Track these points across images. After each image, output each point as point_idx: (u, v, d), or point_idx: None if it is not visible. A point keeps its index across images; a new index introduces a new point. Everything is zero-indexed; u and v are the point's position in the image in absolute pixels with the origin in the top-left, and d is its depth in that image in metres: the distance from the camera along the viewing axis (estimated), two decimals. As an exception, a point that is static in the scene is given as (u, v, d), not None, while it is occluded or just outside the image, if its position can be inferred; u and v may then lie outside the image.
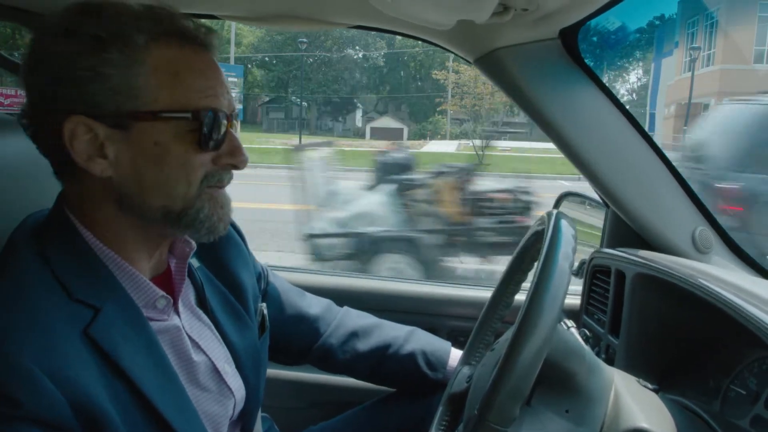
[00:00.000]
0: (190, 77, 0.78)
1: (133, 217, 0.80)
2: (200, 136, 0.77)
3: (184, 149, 0.77)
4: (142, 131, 0.76)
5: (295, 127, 45.83)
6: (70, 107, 0.74)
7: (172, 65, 0.77)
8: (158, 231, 0.84)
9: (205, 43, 0.81)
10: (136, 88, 0.75)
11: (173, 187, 0.78)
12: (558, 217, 0.83)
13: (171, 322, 0.86)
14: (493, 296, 1.07)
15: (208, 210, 0.82)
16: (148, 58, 0.75)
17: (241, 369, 0.97)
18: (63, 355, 0.69)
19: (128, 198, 0.79)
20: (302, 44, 39.63)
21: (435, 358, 1.24)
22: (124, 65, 0.74)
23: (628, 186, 1.25)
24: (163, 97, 0.76)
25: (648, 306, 1.17)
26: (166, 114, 0.76)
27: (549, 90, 1.21)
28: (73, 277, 0.76)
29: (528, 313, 0.70)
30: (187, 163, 0.78)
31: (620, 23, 31.98)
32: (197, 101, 0.77)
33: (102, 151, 0.76)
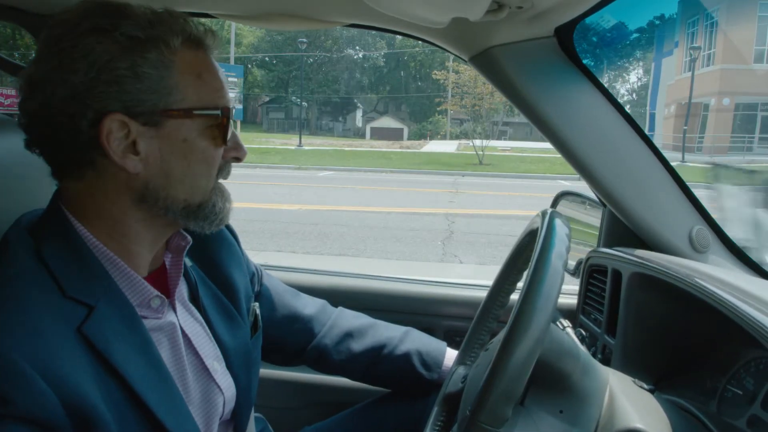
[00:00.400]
0: (210, 78, 0.83)
1: (149, 211, 0.83)
2: (224, 131, 0.84)
3: (207, 144, 0.83)
4: (172, 128, 0.80)
5: (295, 127, 45.90)
6: (108, 105, 0.76)
7: (195, 67, 0.82)
8: (169, 224, 0.87)
9: (211, 48, 0.86)
10: (169, 87, 0.78)
11: (197, 180, 0.83)
12: (552, 215, 0.82)
13: (166, 319, 0.86)
14: (488, 296, 1.07)
15: (220, 202, 0.88)
16: (177, 59, 0.79)
17: (232, 368, 0.97)
18: (56, 353, 0.69)
19: (153, 193, 0.81)
20: (302, 44, 39.64)
21: (430, 358, 1.24)
22: (160, 66, 0.78)
23: (625, 185, 1.24)
24: (191, 96, 0.80)
25: (644, 306, 1.16)
26: (198, 111, 0.81)
27: (545, 88, 1.20)
28: (68, 274, 0.76)
29: (520, 313, 0.69)
30: (209, 158, 0.84)
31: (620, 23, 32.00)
32: (219, 99, 0.84)
33: (134, 148, 0.78)
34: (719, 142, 29.14)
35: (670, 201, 1.26)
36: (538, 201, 11.91)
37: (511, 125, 53.14)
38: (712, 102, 30.29)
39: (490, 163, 21.65)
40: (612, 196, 1.26)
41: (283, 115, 55.45)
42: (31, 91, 0.77)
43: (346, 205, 10.69)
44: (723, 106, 29.88)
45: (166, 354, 0.84)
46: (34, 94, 0.77)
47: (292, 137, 36.52)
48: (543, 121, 1.22)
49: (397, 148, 32.01)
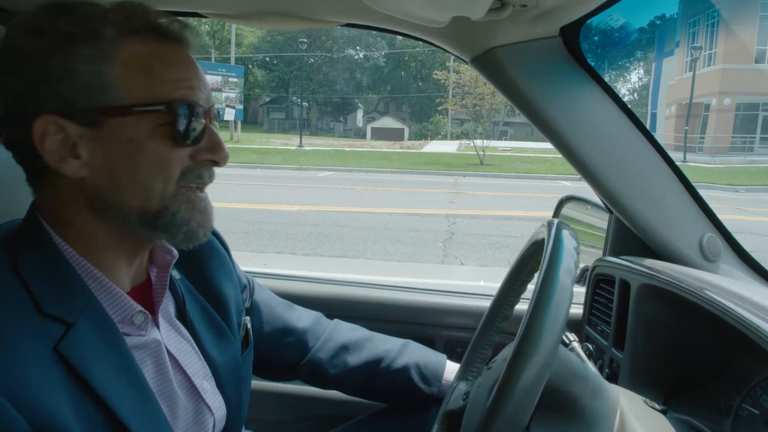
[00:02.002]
0: (164, 70, 0.75)
1: (108, 220, 0.77)
2: (174, 129, 0.75)
3: (159, 144, 0.75)
4: (114, 128, 0.73)
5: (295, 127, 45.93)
6: (40, 106, 0.71)
7: (145, 60, 0.74)
8: (135, 235, 0.80)
9: (180, 38, 0.78)
10: (106, 84, 0.72)
11: (149, 184, 0.75)
12: (559, 227, 0.77)
13: (149, 337, 0.81)
14: (490, 308, 1.02)
15: (184, 213, 0.78)
16: (118, 53, 0.73)
17: (222, 386, 0.92)
18: (28, 374, 0.64)
19: (102, 199, 0.75)
20: (303, 44, 39.61)
21: (429, 372, 1.19)
22: (93, 61, 0.72)
23: (633, 191, 1.19)
24: (135, 92, 0.73)
25: (654, 319, 1.11)
26: (138, 108, 0.73)
27: (549, 90, 1.15)
28: (45, 289, 0.71)
29: (526, 334, 0.64)
30: (162, 159, 0.75)
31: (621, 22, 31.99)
32: (171, 93, 0.75)
33: (74, 151, 0.73)
34: (720, 142, 29.10)
35: (680, 208, 1.21)
36: (539, 201, 11.89)
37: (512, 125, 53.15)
38: (713, 102, 30.26)
39: (491, 164, 21.61)
40: (619, 202, 1.21)
41: (284, 116, 55.50)
42: None
43: (346, 206, 10.65)
44: (724, 106, 29.85)
45: (149, 373, 0.79)
46: None
47: (293, 137, 36.53)
48: (547, 125, 1.17)
49: (398, 149, 32.00)
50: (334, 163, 20.95)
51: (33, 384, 0.64)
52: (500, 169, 20.29)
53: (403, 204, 11.27)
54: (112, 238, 0.78)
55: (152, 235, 0.79)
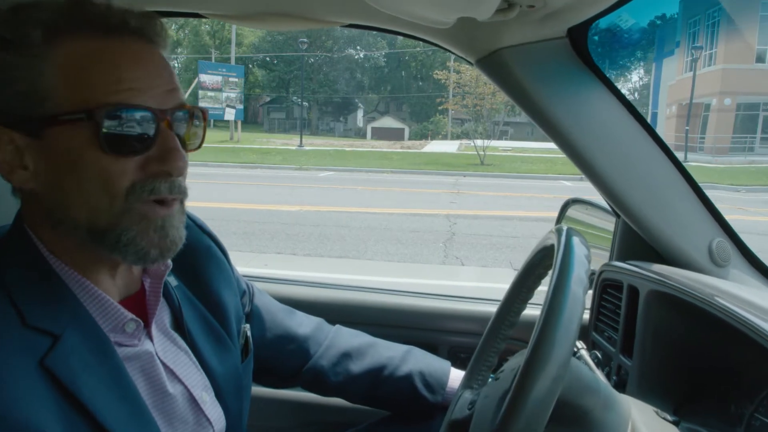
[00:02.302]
0: (99, 71, 0.68)
1: (66, 234, 0.73)
2: (99, 138, 0.67)
3: (98, 156, 0.68)
4: (54, 138, 0.68)
5: (296, 127, 45.92)
6: None
7: (81, 60, 0.68)
8: (94, 251, 0.74)
9: (133, 31, 0.71)
10: (41, 91, 0.67)
11: (94, 200, 0.69)
12: (569, 233, 0.75)
13: (142, 348, 0.78)
14: (496, 315, 1.00)
15: (134, 232, 0.71)
16: (52, 55, 0.68)
17: (221, 397, 0.89)
18: (13, 391, 0.62)
19: (53, 212, 0.72)
20: (303, 44, 39.61)
21: (433, 379, 1.16)
22: (26, 66, 0.67)
23: (641, 195, 1.17)
24: (70, 99, 0.67)
25: (664, 325, 1.09)
26: (67, 117, 0.67)
27: (556, 92, 1.13)
28: (30, 301, 0.69)
29: (538, 346, 0.62)
30: (103, 173, 0.68)
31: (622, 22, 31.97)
32: (105, 98, 0.67)
33: (23, 162, 0.70)
34: (720, 142, 29.07)
35: (689, 211, 1.19)
36: (540, 201, 11.87)
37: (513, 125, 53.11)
38: (713, 102, 30.23)
39: (491, 164, 21.59)
40: (627, 206, 1.19)
41: (284, 116, 55.49)
42: None
43: (346, 206, 10.63)
44: (724, 106, 29.83)
45: (143, 386, 0.77)
46: None
47: (293, 137, 36.51)
48: (554, 127, 1.15)
49: (398, 149, 31.98)
50: (335, 163, 20.92)
51: (18, 400, 0.61)
52: (501, 169, 20.27)
53: (404, 204, 11.25)
54: (83, 252, 0.74)
55: (104, 253, 0.72)
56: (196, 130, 0.79)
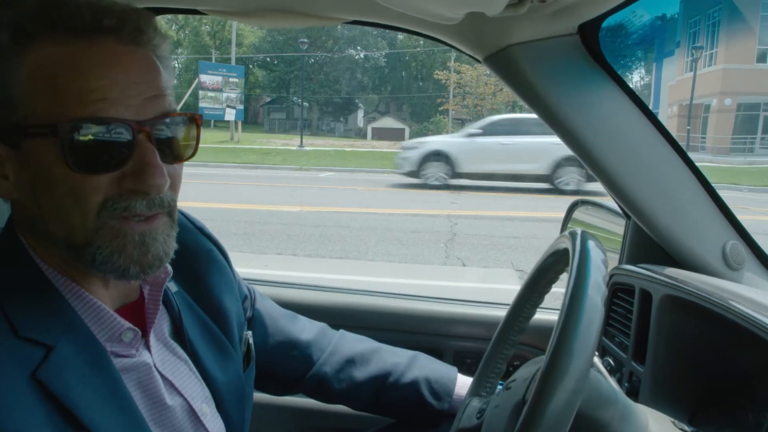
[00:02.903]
0: (69, 79, 0.62)
1: (48, 245, 0.70)
2: (64, 154, 0.62)
3: (67, 172, 0.63)
4: (29, 150, 0.64)
5: (296, 127, 45.89)
6: None
7: (49, 67, 0.63)
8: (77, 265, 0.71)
9: (108, 30, 0.65)
10: (13, 99, 0.63)
11: (67, 216, 0.65)
12: (584, 237, 0.72)
13: (140, 359, 0.75)
14: (505, 320, 0.96)
15: (109, 249, 0.66)
16: (23, 60, 0.63)
17: (223, 407, 0.86)
18: (5, 407, 0.59)
19: (34, 224, 0.69)
20: (303, 44, 39.59)
21: (440, 386, 1.13)
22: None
23: (653, 196, 1.14)
24: (40, 109, 0.63)
25: (678, 331, 1.06)
26: (34, 130, 0.63)
27: (566, 90, 1.10)
28: (21, 310, 0.65)
29: (555, 357, 0.59)
30: (74, 189, 0.64)
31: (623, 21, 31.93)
32: (74, 110, 0.62)
33: (3, 171, 0.67)
34: (720, 143, 29.05)
35: (702, 214, 1.16)
36: (541, 201, 11.83)
37: (513, 125, 52.93)
38: (713, 103, 30.20)
39: (492, 164, 21.50)
40: (638, 207, 1.15)
41: (285, 116, 55.47)
42: None
43: (347, 207, 10.59)
44: (724, 107, 29.80)
45: (140, 398, 0.73)
46: None
47: (294, 138, 36.46)
48: (564, 126, 1.12)
49: (399, 149, 31.90)
50: (335, 164, 20.88)
51: (9, 415, 0.58)
52: (501, 169, 20.20)
53: (405, 205, 11.21)
54: (74, 261, 0.70)
55: (87, 268, 0.69)
56: (187, 138, 0.73)
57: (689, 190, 1.15)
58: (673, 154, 1.15)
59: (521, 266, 6.45)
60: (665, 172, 1.14)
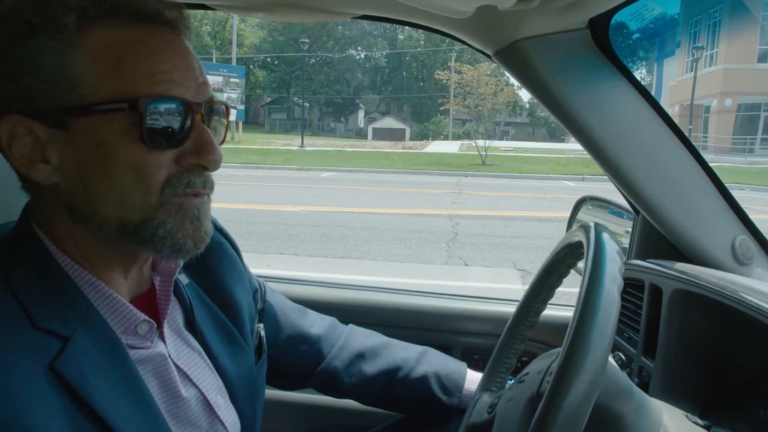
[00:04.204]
0: (136, 61, 0.65)
1: (89, 231, 0.69)
2: (141, 129, 0.65)
3: (132, 149, 0.65)
4: (83, 129, 0.65)
5: (297, 127, 45.94)
6: (5, 106, 0.64)
7: (115, 49, 0.65)
8: (120, 248, 0.71)
9: (160, 19, 0.69)
10: (71, 79, 0.64)
11: (127, 195, 0.67)
12: (598, 229, 0.71)
13: (155, 350, 0.75)
14: (515, 315, 0.96)
15: (172, 225, 0.69)
16: (85, 42, 0.64)
17: (236, 400, 0.86)
18: (21, 398, 0.58)
19: (79, 209, 0.68)
20: (304, 45, 39.57)
21: (450, 381, 1.13)
22: (56, 53, 0.63)
23: (663, 191, 1.13)
24: (105, 88, 0.64)
25: (688, 325, 1.06)
26: (101, 107, 0.64)
27: (576, 85, 1.09)
28: (38, 301, 0.65)
29: (573, 350, 0.58)
30: (139, 166, 0.66)
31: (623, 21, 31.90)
32: (144, 88, 0.65)
33: (44, 155, 0.66)
34: (720, 143, 29.03)
35: (712, 209, 1.15)
36: (542, 201, 11.84)
37: (514, 125, 53.15)
38: (713, 104, 30.19)
39: (493, 164, 21.56)
40: (648, 202, 1.15)
41: (285, 116, 55.54)
42: None
43: (348, 207, 10.60)
44: (724, 108, 29.78)
45: (156, 390, 0.73)
46: None
47: (294, 138, 36.51)
48: (573, 121, 1.11)
49: (400, 149, 31.99)
50: (336, 164, 20.90)
51: (26, 406, 0.58)
52: (502, 169, 20.23)
53: (406, 204, 11.22)
54: (100, 249, 0.71)
55: (135, 248, 0.71)
56: (220, 125, 0.77)
57: (698, 186, 1.15)
58: (682, 149, 1.14)
59: (523, 266, 6.46)
60: (675, 168, 1.14)
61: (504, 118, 34.30)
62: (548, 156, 25.75)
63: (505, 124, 44.86)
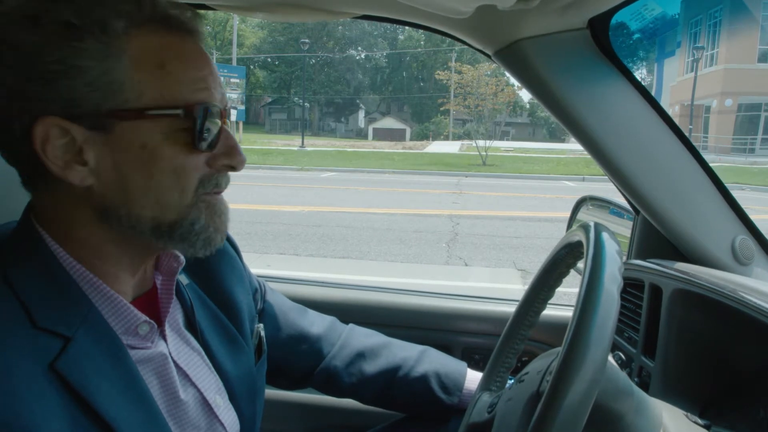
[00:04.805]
0: (179, 68, 0.68)
1: (116, 231, 0.70)
2: (194, 135, 0.68)
3: (175, 151, 0.68)
4: (125, 132, 0.66)
5: (297, 128, 45.95)
6: (41, 107, 0.64)
7: (157, 55, 0.67)
8: (145, 245, 0.73)
9: (191, 30, 0.71)
10: (116, 83, 0.65)
11: (165, 195, 0.69)
12: (598, 229, 0.72)
13: (156, 350, 0.75)
14: (515, 315, 0.96)
15: (204, 220, 0.73)
16: (128, 47, 0.65)
17: (235, 400, 0.86)
18: (22, 398, 0.58)
19: (112, 209, 0.68)
20: (304, 45, 39.51)
21: (449, 380, 1.13)
22: (101, 56, 0.64)
23: (663, 191, 1.13)
24: (149, 92, 0.66)
25: (688, 325, 1.06)
26: (154, 111, 0.66)
27: (576, 85, 1.09)
28: (39, 301, 0.65)
29: (572, 349, 0.58)
30: (179, 168, 0.69)
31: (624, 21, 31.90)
32: (188, 95, 0.68)
33: (80, 157, 0.66)
34: (721, 143, 29.02)
35: (712, 209, 1.16)
36: (542, 202, 11.84)
37: (514, 125, 53.15)
38: (713, 104, 30.17)
39: (493, 164, 21.56)
40: (648, 202, 1.15)
41: (286, 116, 55.55)
42: None
43: (349, 207, 10.60)
44: (725, 108, 29.77)
45: (156, 390, 0.73)
46: None
47: (295, 138, 36.52)
48: (574, 121, 1.12)
49: (400, 149, 32.00)
50: (337, 164, 20.90)
51: (27, 407, 0.58)
52: (503, 169, 20.24)
53: (406, 205, 11.22)
54: (118, 249, 0.72)
55: (167, 245, 0.73)
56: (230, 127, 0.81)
57: (699, 185, 1.15)
58: (682, 148, 1.15)
59: (523, 266, 6.46)
60: (675, 167, 1.14)
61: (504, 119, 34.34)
62: (548, 156, 25.75)
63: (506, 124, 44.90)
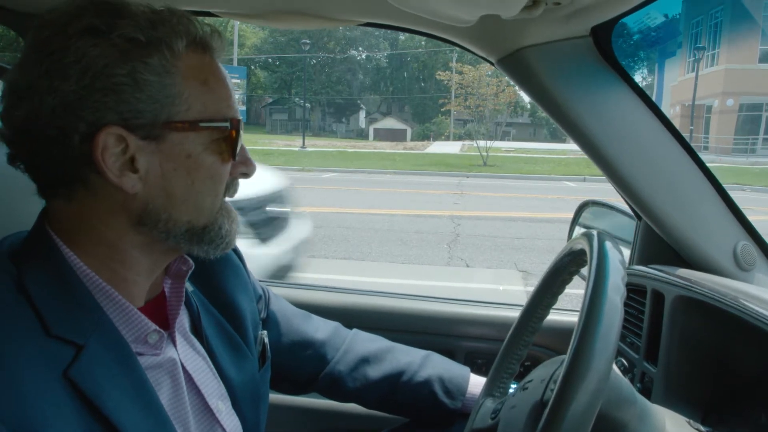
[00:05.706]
0: (217, 85, 0.75)
1: (147, 235, 0.73)
2: (233, 145, 0.75)
3: (214, 160, 0.74)
4: (175, 142, 0.71)
5: (298, 128, 45.95)
6: (102, 117, 0.66)
7: (201, 73, 0.73)
8: (169, 249, 0.77)
9: (218, 50, 0.77)
10: (172, 97, 0.70)
11: (202, 200, 0.75)
12: (601, 238, 0.72)
13: (165, 356, 0.76)
14: (518, 321, 0.97)
15: (227, 225, 0.79)
16: (180, 63, 0.71)
17: (238, 406, 0.87)
18: (35, 404, 0.59)
19: (153, 214, 0.72)
20: (305, 45, 39.55)
21: (453, 385, 1.14)
22: (163, 72, 0.69)
23: (665, 197, 1.14)
24: (196, 106, 0.72)
25: (690, 331, 1.06)
26: (206, 123, 0.72)
27: (579, 92, 1.10)
28: (53, 308, 0.66)
29: (576, 359, 0.59)
30: (215, 175, 0.75)
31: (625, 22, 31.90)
32: (225, 110, 0.75)
33: (133, 165, 0.69)
34: (722, 143, 29.00)
35: (714, 215, 1.16)
36: (543, 202, 11.84)
37: (515, 126, 53.15)
38: (714, 104, 30.16)
39: (494, 164, 21.56)
40: (650, 208, 1.16)
41: (286, 117, 55.57)
42: (16, 100, 0.67)
43: (350, 207, 10.60)
44: (726, 108, 29.75)
45: (165, 395, 0.74)
46: (20, 102, 0.67)
47: (296, 138, 36.52)
48: (576, 128, 1.12)
49: (401, 149, 32.00)
50: (337, 165, 20.91)
51: (41, 414, 0.59)
52: (504, 169, 20.24)
53: (407, 205, 11.22)
54: (142, 254, 0.74)
55: (194, 248, 0.78)
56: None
57: (700, 191, 1.16)
58: (684, 155, 1.15)
59: (525, 267, 6.46)
60: (677, 174, 1.15)
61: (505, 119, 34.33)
62: (550, 156, 25.76)
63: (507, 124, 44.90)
